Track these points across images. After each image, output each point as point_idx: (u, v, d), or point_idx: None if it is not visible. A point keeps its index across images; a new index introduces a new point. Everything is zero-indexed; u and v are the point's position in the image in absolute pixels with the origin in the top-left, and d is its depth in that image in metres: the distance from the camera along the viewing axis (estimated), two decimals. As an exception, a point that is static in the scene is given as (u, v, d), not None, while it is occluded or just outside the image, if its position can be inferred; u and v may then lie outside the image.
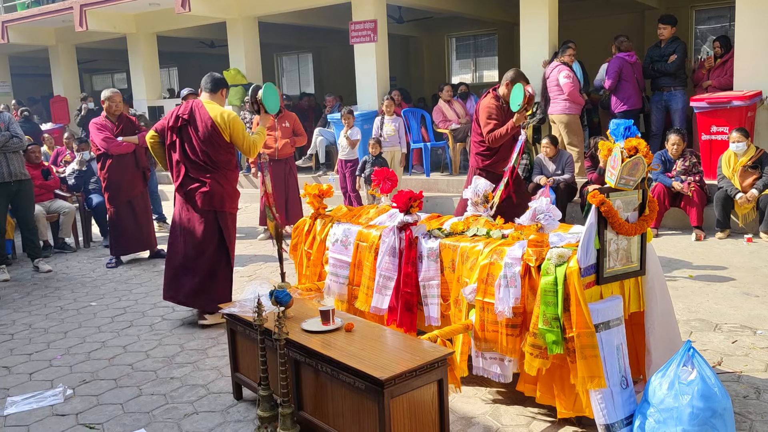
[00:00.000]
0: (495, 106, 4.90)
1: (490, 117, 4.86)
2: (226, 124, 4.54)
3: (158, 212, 8.40)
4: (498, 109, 4.90)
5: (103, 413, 3.43)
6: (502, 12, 12.68)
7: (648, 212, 3.00)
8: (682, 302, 4.60)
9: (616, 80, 7.78)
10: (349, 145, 8.20)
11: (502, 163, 4.89)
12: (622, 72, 7.79)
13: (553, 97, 7.83)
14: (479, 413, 3.20)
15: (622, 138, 2.95)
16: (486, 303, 3.07)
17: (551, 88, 7.82)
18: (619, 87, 7.84)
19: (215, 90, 4.72)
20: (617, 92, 7.87)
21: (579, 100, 7.78)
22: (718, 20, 12.51)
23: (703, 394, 2.53)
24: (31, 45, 13.69)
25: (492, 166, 4.97)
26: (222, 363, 3.95)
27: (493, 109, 4.89)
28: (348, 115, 8.26)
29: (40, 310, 5.32)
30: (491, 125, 4.84)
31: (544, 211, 3.00)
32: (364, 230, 3.82)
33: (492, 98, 4.96)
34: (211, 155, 4.57)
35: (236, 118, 4.63)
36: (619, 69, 7.77)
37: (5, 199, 6.29)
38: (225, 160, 4.65)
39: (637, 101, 7.92)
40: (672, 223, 6.92)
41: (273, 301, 3.09)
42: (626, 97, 7.84)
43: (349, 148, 8.22)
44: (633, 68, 7.85)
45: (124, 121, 6.55)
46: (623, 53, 7.88)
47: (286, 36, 14.50)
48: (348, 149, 8.24)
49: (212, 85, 4.72)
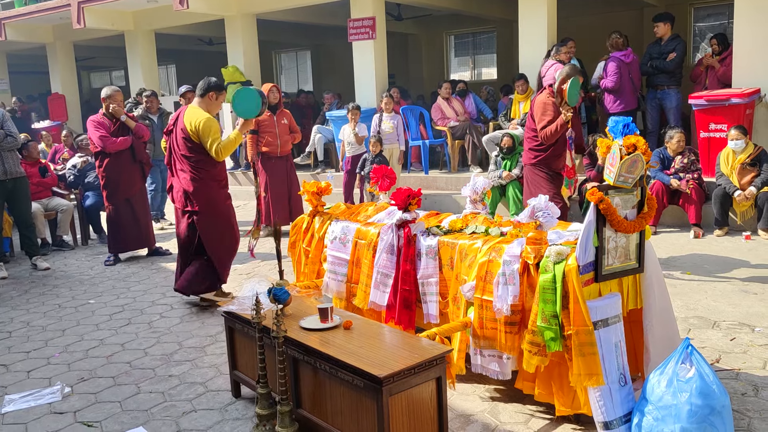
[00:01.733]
0: (551, 103, 4.86)
1: (545, 113, 4.84)
2: (195, 130, 4.71)
3: (159, 209, 8.40)
4: (553, 106, 4.86)
5: (101, 411, 3.43)
6: (501, 9, 12.67)
7: (647, 210, 2.99)
8: (681, 300, 4.61)
9: (618, 81, 7.71)
10: (357, 142, 8.17)
11: (556, 160, 4.91)
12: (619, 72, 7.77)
13: None
14: (478, 411, 3.20)
15: (620, 135, 2.94)
16: (485, 300, 3.07)
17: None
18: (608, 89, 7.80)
19: (203, 94, 4.85)
20: (612, 92, 7.83)
21: None
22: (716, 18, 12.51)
23: (702, 391, 2.53)
24: (29, 42, 13.66)
25: (546, 160, 4.93)
26: (220, 361, 3.95)
27: (549, 105, 4.85)
28: (355, 111, 8.25)
29: (38, 308, 5.31)
30: (545, 121, 4.82)
31: (543, 209, 3.00)
32: (362, 228, 3.82)
33: (548, 94, 4.92)
34: (186, 158, 4.80)
35: (206, 123, 4.72)
36: (618, 69, 7.72)
37: (1, 198, 6.28)
38: (199, 164, 4.79)
39: (632, 101, 7.89)
40: (670, 221, 6.93)
41: (271, 298, 3.09)
42: (621, 97, 7.80)
43: (357, 144, 8.19)
44: (629, 68, 7.82)
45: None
46: (619, 53, 7.83)
47: (284, 33, 14.48)
48: (356, 145, 8.21)
49: (202, 90, 4.86)
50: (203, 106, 4.83)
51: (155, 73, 13.18)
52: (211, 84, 4.87)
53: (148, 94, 8.15)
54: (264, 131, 7.27)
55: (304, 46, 17.17)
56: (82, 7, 11.07)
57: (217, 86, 4.90)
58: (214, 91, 4.86)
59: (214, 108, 4.93)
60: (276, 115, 7.31)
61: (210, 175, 4.86)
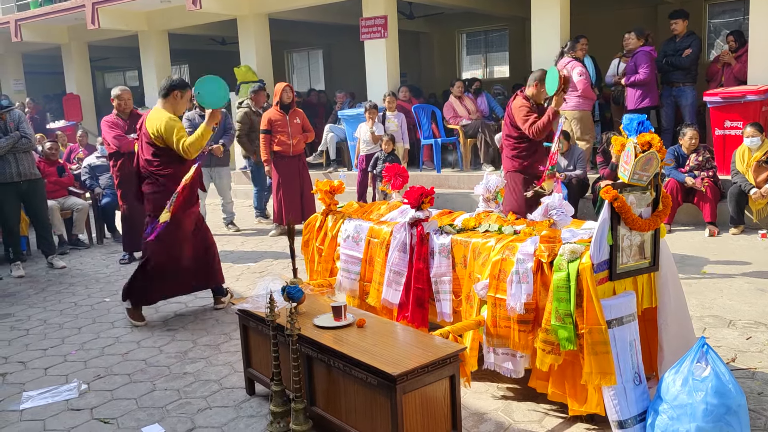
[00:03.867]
0: (527, 105, 4.91)
1: (528, 114, 4.87)
2: (157, 133, 4.53)
3: None
4: (531, 107, 4.91)
5: (117, 408, 3.46)
6: (513, 7, 12.63)
7: (661, 208, 2.98)
8: (696, 298, 4.57)
9: (650, 75, 7.55)
10: (374, 140, 8.14)
11: (538, 164, 4.91)
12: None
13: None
14: (491, 409, 3.20)
15: (635, 133, 2.93)
16: (498, 299, 3.07)
17: None
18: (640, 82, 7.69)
19: (167, 94, 4.67)
20: (641, 86, 7.62)
21: (591, 96, 7.71)
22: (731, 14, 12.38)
23: (717, 390, 2.51)
24: (44, 43, 13.80)
25: (531, 167, 4.95)
26: (234, 358, 3.97)
27: (526, 107, 4.90)
28: (373, 110, 8.22)
29: (54, 306, 5.37)
30: (531, 119, 4.84)
31: (557, 207, 2.99)
32: (375, 226, 3.82)
33: (521, 98, 4.96)
34: (148, 162, 4.64)
35: (168, 123, 4.52)
36: (650, 62, 7.55)
37: (16, 198, 6.33)
38: (162, 170, 4.62)
39: (656, 98, 7.81)
40: (685, 219, 6.87)
41: (285, 296, 3.10)
42: (649, 93, 7.69)
43: (374, 143, 8.16)
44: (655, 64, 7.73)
45: (135, 119, 6.58)
46: (649, 47, 7.75)
47: (296, 33, 14.52)
48: (371, 144, 8.17)
49: (165, 89, 4.68)
50: (168, 107, 4.65)
51: (168, 73, 13.25)
52: (173, 83, 4.68)
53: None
54: (277, 131, 7.30)
55: (316, 45, 17.21)
56: (97, 7, 11.17)
57: (180, 84, 4.71)
58: (177, 89, 4.67)
59: (181, 107, 4.75)
60: (289, 115, 7.34)
61: (172, 183, 4.58)
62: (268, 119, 7.37)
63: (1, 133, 6.11)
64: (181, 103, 4.74)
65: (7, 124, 6.16)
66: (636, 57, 7.64)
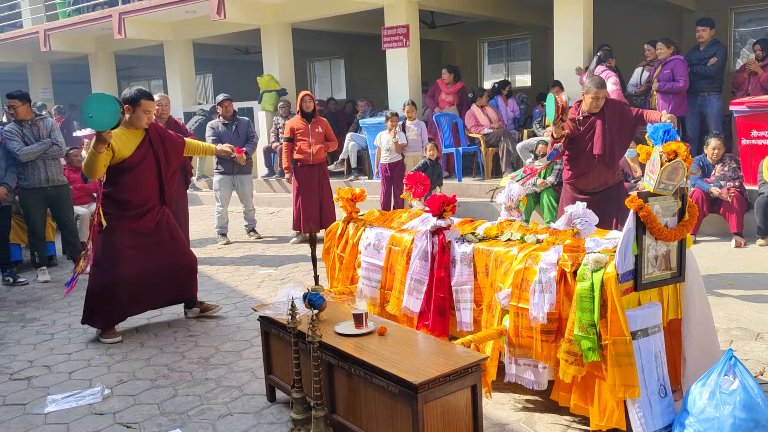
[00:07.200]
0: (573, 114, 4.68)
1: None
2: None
3: None
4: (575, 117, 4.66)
5: (140, 413, 3.49)
6: (535, 16, 12.60)
7: (688, 217, 2.94)
8: (722, 310, 4.49)
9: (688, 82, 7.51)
10: (396, 149, 8.09)
11: (583, 179, 4.66)
12: None
13: None
14: (513, 420, 3.17)
15: (661, 142, 2.90)
16: (520, 308, 3.04)
17: None
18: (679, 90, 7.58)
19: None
20: (677, 94, 7.52)
21: None
22: (758, 23, 12.21)
23: (746, 404, 2.47)
24: (72, 52, 14.07)
25: (574, 179, 4.73)
26: (256, 365, 3.98)
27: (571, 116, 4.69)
28: (394, 118, 8.19)
29: (79, 311, 5.40)
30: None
31: (581, 216, 2.96)
32: (396, 234, 3.82)
33: (575, 106, 4.79)
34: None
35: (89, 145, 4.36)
36: (686, 70, 7.50)
37: (43, 204, 6.46)
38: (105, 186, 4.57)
39: (686, 107, 7.73)
40: (711, 230, 6.77)
41: (306, 304, 3.11)
42: (681, 101, 7.60)
43: (396, 151, 8.11)
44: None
45: (172, 126, 6.64)
46: (681, 55, 7.68)
47: (318, 42, 14.63)
48: (393, 153, 8.11)
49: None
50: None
51: (193, 83, 13.46)
52: (125, 98, 4.42)
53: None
54: (298, 139, 7.35)
55: (338, 54, 17.32)
56: (123, 18, 11.38)
57: (130, 99, 4.42)
58: (128, 104, 4.42)
59: (136, 121, 4.46)
60: (311, 123, 7.39)
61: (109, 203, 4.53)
62: (290, 127, 7.43)
63: (34, 139, 6.25)
64: (136, 117, 4.46)
65: (40, 131, 6.31)
66: (673, 65, 7.55)
